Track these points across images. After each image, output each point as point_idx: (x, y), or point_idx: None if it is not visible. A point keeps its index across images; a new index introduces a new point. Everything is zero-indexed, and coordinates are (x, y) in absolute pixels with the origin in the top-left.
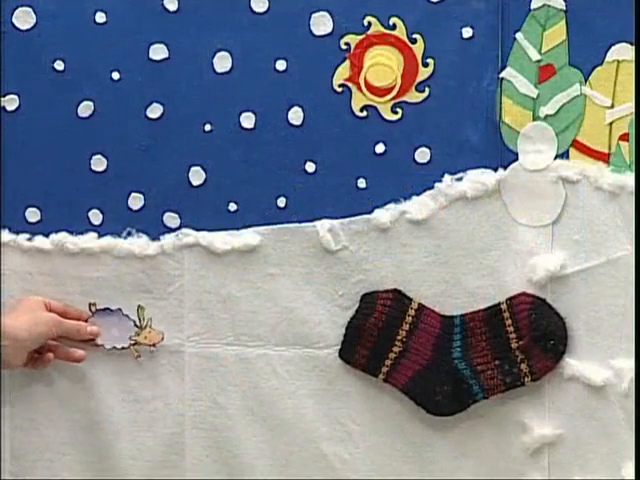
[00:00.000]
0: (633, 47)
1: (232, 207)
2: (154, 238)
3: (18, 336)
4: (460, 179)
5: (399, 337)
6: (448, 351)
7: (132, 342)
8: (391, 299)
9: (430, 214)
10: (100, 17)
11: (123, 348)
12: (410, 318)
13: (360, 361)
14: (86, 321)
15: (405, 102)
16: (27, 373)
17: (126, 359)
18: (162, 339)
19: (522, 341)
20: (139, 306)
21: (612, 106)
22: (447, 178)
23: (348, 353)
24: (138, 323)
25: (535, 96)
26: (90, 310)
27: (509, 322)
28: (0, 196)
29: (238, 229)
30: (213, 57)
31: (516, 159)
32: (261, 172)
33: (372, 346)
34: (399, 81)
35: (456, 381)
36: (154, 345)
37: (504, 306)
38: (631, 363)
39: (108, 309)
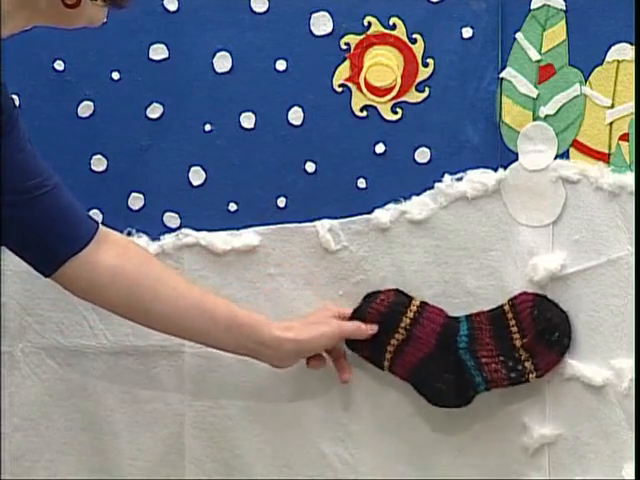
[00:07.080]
0: (633, 47)
1: (232, 207)
2: (154, 238)
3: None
4: (460, 179)
5: (402, 325)
6: (453, 339)
7: None
8: (393, 297)
9: (430, 214)
10: None
11: None
12: (412, 313)
13: (364, 349)
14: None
15: (405, 102)
16: (25, 374)
17: (126, 359)
18: None
19: (525, 339)
20: None
21: (612, 106)
22: (447, 178)
23: (353, 342)
24: None
25: (535, 96)
26: None
27: (512, 322)
28: (0, 196)
29: (238, 229)
30: (213, 57)
31: (516, 159)
32: (261, 172)
33: (375, 333)
34: (399, 81)
35: (459, 371)
36: None
37: (507, 307)
38: (631, 363)
39: None
